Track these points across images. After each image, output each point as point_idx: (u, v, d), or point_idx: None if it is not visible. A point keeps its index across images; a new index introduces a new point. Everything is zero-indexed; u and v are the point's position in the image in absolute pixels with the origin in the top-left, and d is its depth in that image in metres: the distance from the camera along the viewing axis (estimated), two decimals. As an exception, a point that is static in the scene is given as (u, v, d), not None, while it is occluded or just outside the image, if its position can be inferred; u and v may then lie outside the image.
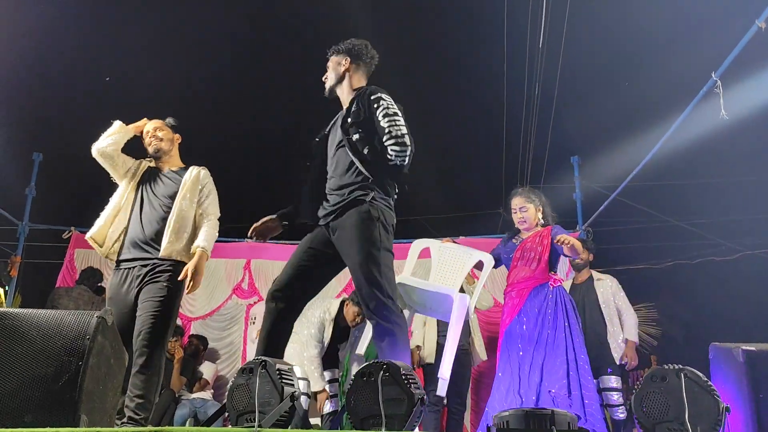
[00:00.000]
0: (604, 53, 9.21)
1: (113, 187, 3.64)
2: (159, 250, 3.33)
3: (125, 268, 3.38)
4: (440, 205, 11.15)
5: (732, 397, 2.36)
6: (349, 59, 3.20)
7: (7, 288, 6.74)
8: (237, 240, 8.09)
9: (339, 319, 5.02)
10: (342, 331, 5.09)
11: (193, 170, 3.60)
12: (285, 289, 2.97)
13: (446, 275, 4.15)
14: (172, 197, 3.47)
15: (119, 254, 3.44)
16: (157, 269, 3.33)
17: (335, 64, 3.22)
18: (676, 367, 2.22)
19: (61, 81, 9.74)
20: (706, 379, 2.18)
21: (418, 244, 4.28)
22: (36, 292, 7.27)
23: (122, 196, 3.52)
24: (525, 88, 8.34)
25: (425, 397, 2.06)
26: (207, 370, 6.51)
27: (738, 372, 2.39)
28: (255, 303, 7.64)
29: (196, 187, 3.52)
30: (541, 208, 4.11)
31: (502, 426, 2.06)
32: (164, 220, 3.41)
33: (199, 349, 6.58)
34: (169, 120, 3.74)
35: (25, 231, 7.32)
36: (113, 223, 3.46)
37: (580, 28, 7.52)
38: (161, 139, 3.63)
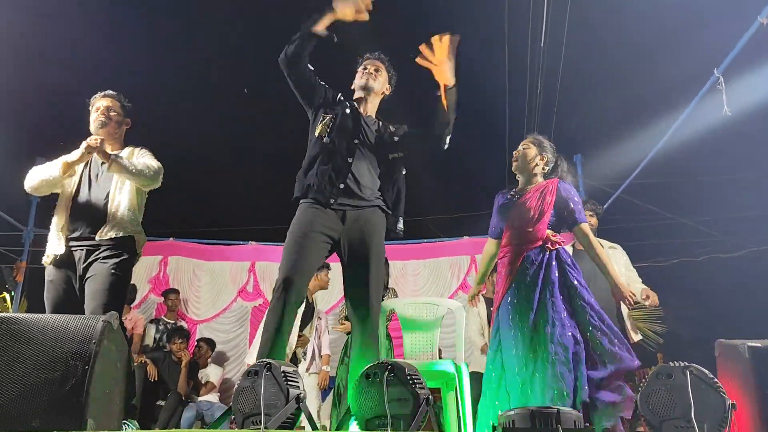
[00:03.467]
0: (607, 51, 9.20)
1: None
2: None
3: (74, 247, 3.22)
4: (444, 206, 11.16)
5: (738, 394, 2.36)
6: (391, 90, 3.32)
7: (13, 293, 6.77)
8: (241, 243, 8.11)
9: None
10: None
11: (128, 149, 3.46)
12: (303, 281, 2.87)
13: (421, 341, 4.09)
14: (106, 182, 3.31)
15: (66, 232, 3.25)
16: (101, 253, 3.17)
17: (386, 81, 3.27)
18: (682, 364, 2.22)
19: (64, 86, 9.76)
20: (711, 376, 2.18)
21: (383, 309, 4.12)
22: (42, 297, 7.28)
23: (63, 187, 3.35)
24: (527, 87, 8.34)
25: (430, 397, 2.06)
26: (213, 372, 6.52)
27: (744, 368, 2.39)
28: (260, 305, 7.66)
29: (134, 157, 3.38)
30: (546, 158, 3.58)
31: (507, 425, 2.06)
32: (106, 203, 3.27)
33: (206, 353, 6.59)
34: (122, 102, 3.51)
35: (30, 236, 7.35)
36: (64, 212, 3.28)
37: (582, 25, 7.51)
38: (109, 119, 3.42)
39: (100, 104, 3.44)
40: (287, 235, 2.93)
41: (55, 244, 3.21)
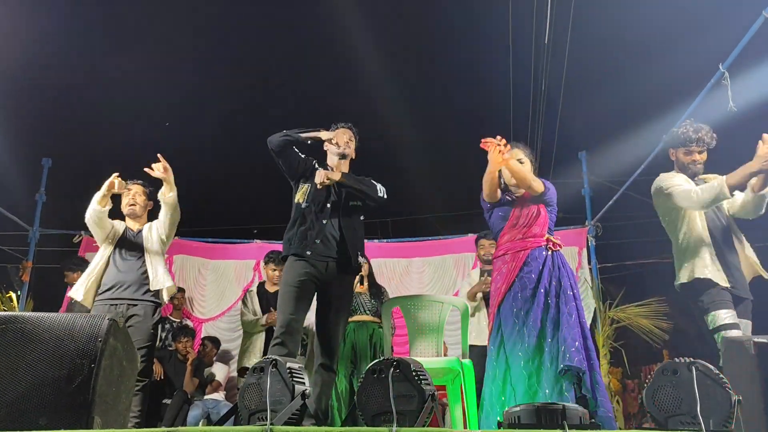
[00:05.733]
0: (610, 47, 9.16)
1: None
2: (140, 294, 4.02)
3: (111, 304, 3.98)
4: (447, 203, 11.14)
5: (744, 390, 2.35)
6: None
7: (19, 293, 6.80)
8: (246, 241, 8.12)
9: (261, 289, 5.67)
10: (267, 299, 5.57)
11: (147, 225, 4.34)
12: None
13: (428, 341, 4.14)
14: (138, 252, 4.22)
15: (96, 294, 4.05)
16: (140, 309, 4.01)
17: (354, 148, 3.84)
18: (688, 360, 2.21)
19: (69, 86, 9.79)
20: (717, 371, 2.17)
21: (388, 306, 4.34)
22: (48, 296, 7.32)
23: (102, 257, 4.14)
24: (531, 84, 8.32)
25: (436, 393, 2.06)
26: (219, 371, 6.53)
27: (750, 364, 2.38)
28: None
29: (151, 231, 4.30)
30: (532, 167, 3.64)
31: (512, 421, 2.06)
32: (135, 270, 4.12)
33: (211, 351, 6.60)
34: (147, 188, 4.38)
35: (36, 236, 7.36)
36: (95, 281, 4.07)
37: (586, 22, 7.48)
38: (136, 204, 4.34)
39: (131, 189, 4.34)
40: (281, 286, 3.50)
41: None
